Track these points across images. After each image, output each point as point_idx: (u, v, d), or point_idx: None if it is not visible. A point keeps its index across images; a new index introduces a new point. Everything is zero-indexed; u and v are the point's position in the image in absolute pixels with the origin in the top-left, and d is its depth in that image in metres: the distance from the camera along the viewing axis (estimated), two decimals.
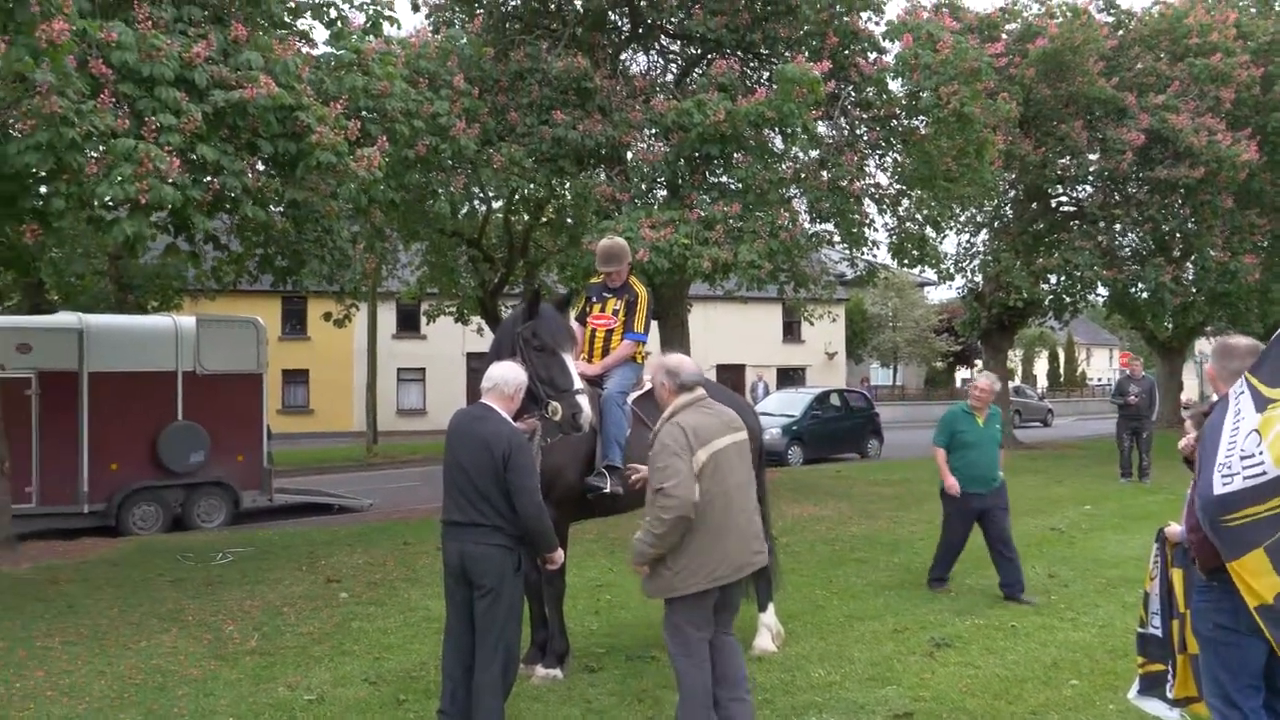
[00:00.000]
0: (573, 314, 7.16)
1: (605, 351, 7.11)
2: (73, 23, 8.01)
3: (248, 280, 13.32)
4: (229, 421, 14.39)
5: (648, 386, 7.35)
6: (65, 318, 14.33)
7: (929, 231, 18.20)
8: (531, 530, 5.06)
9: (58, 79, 7.92)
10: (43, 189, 8.87)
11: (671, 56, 16.96)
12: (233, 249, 11.87)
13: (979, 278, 24.83)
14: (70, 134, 7.97)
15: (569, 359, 6.07)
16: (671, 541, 4.77)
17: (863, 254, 19.34)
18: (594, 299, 7.33)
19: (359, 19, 11.80)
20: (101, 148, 8.39)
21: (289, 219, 10.85)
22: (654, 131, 14.30)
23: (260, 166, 9.98)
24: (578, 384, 6.02)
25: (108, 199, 8.46)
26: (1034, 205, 24.29)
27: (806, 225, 15.15)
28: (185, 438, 13.98)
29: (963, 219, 25.18)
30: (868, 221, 15.70)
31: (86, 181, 8.38)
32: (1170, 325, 28.68)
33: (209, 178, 9.36)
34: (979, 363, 46.62)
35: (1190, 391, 46.58)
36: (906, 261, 18.33)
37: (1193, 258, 22.74)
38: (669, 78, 16.53)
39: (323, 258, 11.28)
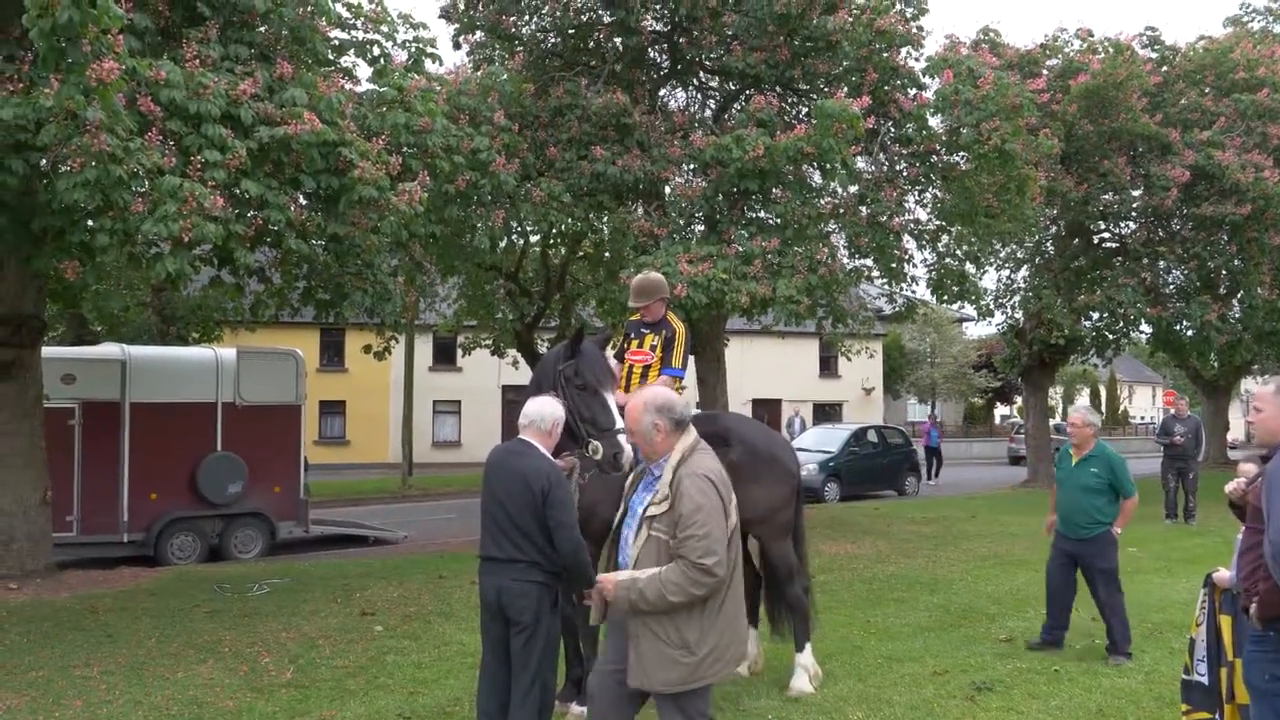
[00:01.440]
0: (611, 351, 7.19)
1: (642, 385, 7.12)
2: (122, 61, 8.18)
3: (289, 313, 13.48)
4: (267, 452, 14.54)
5: None
6: (109, 349, 14.58)
7: (969, 267, 18.14)
8: (570, 566, 5.06)
9: (107, 117, 8.12)
10: (89, 223, 9.06)
11: (710, 92, 17.10)
12: (275, 282, 12.04)
13: (1019, 314, 24.63)
14: (118, 171, 8.15)
15: (610, 398, 6.08)
16: (674, 610, 4.01)
17: (902, 289, 19.30)
18: (632, 335, 7.37)
19: (401, 56, 12.03)
20: (148, 184, 8.57)
21: (331, 252, 11.01)
22: (692, 167, 14.43)
23: (303, 201, 10.16)
24: (619, 423, 5.99)
25: (152, 235, 8.63)
26: (1076, 241, 24.12)
27: (845, 260, 15.17)
28: (224, 468, 14.14)
29: (1003, 255, 25.06)
30: (907, 257, 15.68)
31: (132, 218, 8.55)
32: (1216, 364, 28.24)
33: (252, 212, 9.54)
34: (1019, 399, 46.13)
35: (1236, 431, 45.75)
36: (946, 297, 18.25)
37: (1239, 295, 22.43)
38: (708, 113, 16.66)
39: (365, 290, 11.42)
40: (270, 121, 9.50)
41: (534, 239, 19.08)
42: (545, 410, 5.35)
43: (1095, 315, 22.56)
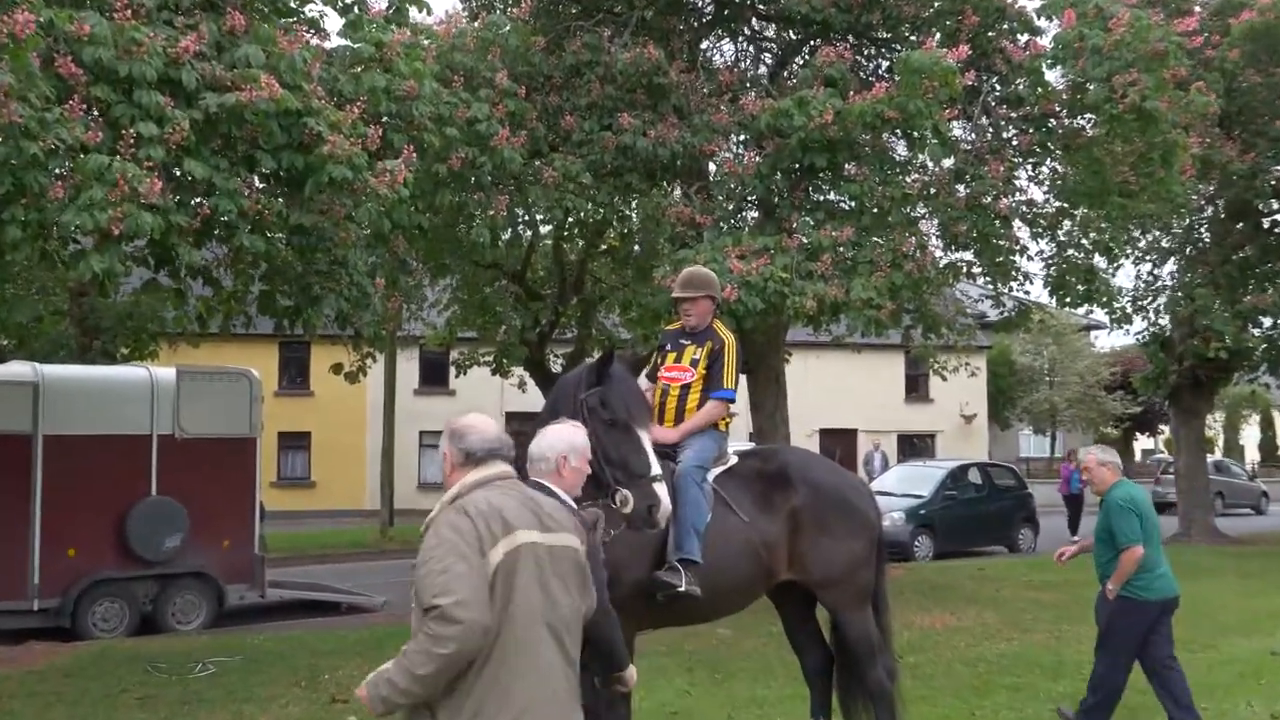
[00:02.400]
0: (644, 374, 7.28)
1: (679, 413, 7.19)
2: (38, 12, 8.25)
3: (242, 323, 13.64)
4: (213, 497, 14.72)
5: (732, 460, 7.44)
6: (17, 368, 14.81)
7: (1098, 261, 18.03)
8: (594, 642, 4.98)
9: (18, 81, 8.19)
10: None
11: (765, 44, 17.16)
12: (225, 285, 12.20)
13: (1165, 320, 24.44)
14: (32, 149, 8.24)
15: (645, 436, 6.13)
16: (437, 685, 3.83)
17: (1011, 289, 19.22)
18: (668, 347, 7.44)
19: (380, 3, 12.17)
20: (69, 165, 8.70)
21: (294, 248, 11.13)
22: (744, 138, 14.49)
23: (260, 185, 10.27)
24: (655, 469, 6.07)
25: (74, 228, 8.73)
26: (1240, 226, 23.88)
27: (938, 253, 15.15)
28: (159, 518, 14.30)
29: (1143, 244, 24.87)
30: (1018, 248, 15.63)
31: (49, 207, 8.65)
32: None
33: (197, 199, 9.68)
34: (1165, 429, 45.63)
35: None
36: (1069, 299, 18.15)
37: None
38: (762, 70, 16.73)
39: (337, 294, 11.54)
40: (219, 86, 9.61)
41: (545, 230, 19.25)
42: (548, 443, 5.20)
43: (1267, 321, 22.32)
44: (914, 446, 40.88)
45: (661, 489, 6.01)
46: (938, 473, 24.82)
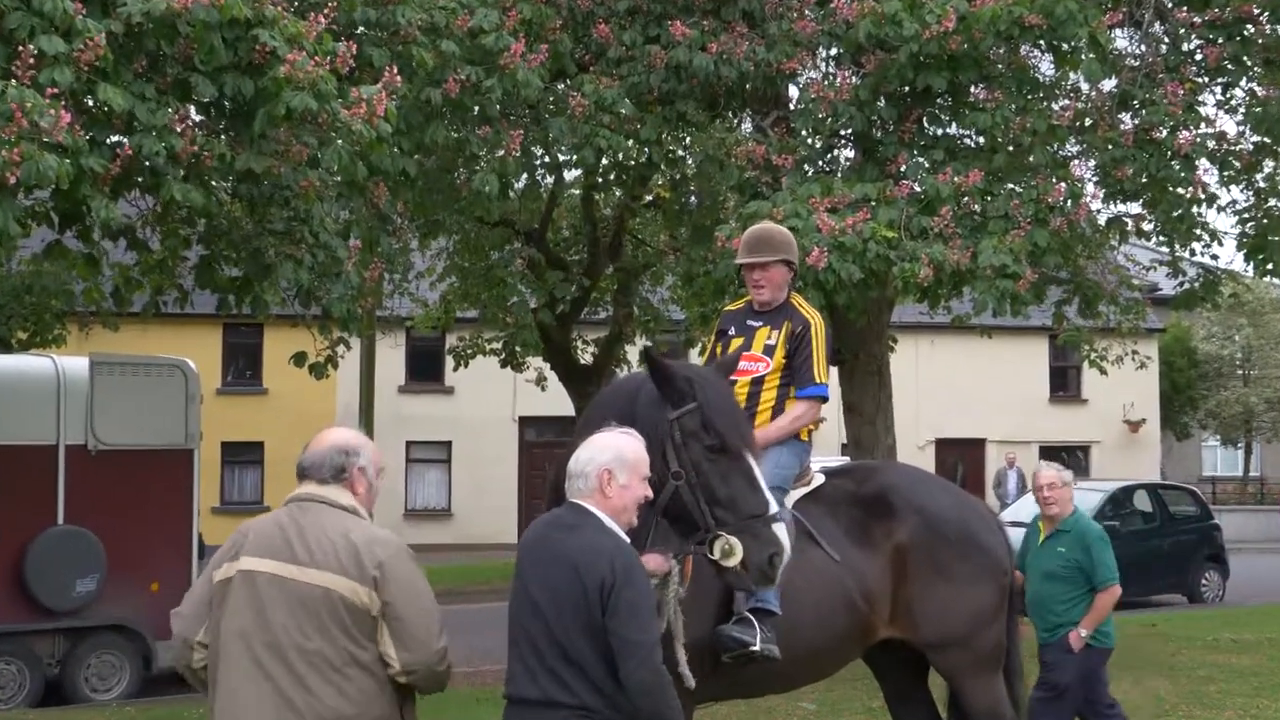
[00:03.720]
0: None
1: (750, 414, 7.11)
2: None
3: (174, 300, 13.72)
4: (139, 527, 14.81)
5: (818, 480, 7.46)
6: None
7: None
8: (645, 714, 5.12)
9: None
10: None
11: None
12: (152, 250, 12.29)
13: None
14: None
15: (756, 465, 6.12)
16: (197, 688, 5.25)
17: (1193, 253, 19.04)
18: (732, 332, 7.46)
19: None
20: None
21: (242, 201, 11.20)
22: (836, 53, 14.39)
23: (197, 118, 10.32)
24: (774, 506, 6.08)
25: None
26: None
27: (1096, 205, 15.05)
28: (68, 555, 14.37)
29: None
30: (1203, 197, 15.46)
31: None
32: None
33: (116, 138, 9.75)
34: None
35: None
36: (1270, 266, 17.97)
37: None
38: None
39: (298, 261, 11.59)
40: None
41: (572, 177, 19.23)
42: (588, 455, 5.36)
43: None
44: (1062, 461, 40.30)
45: (783, 532, 6.00)
46: (1093, 497, 24.55)
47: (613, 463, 5.28)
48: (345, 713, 4.86)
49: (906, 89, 13.88)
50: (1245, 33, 15.06)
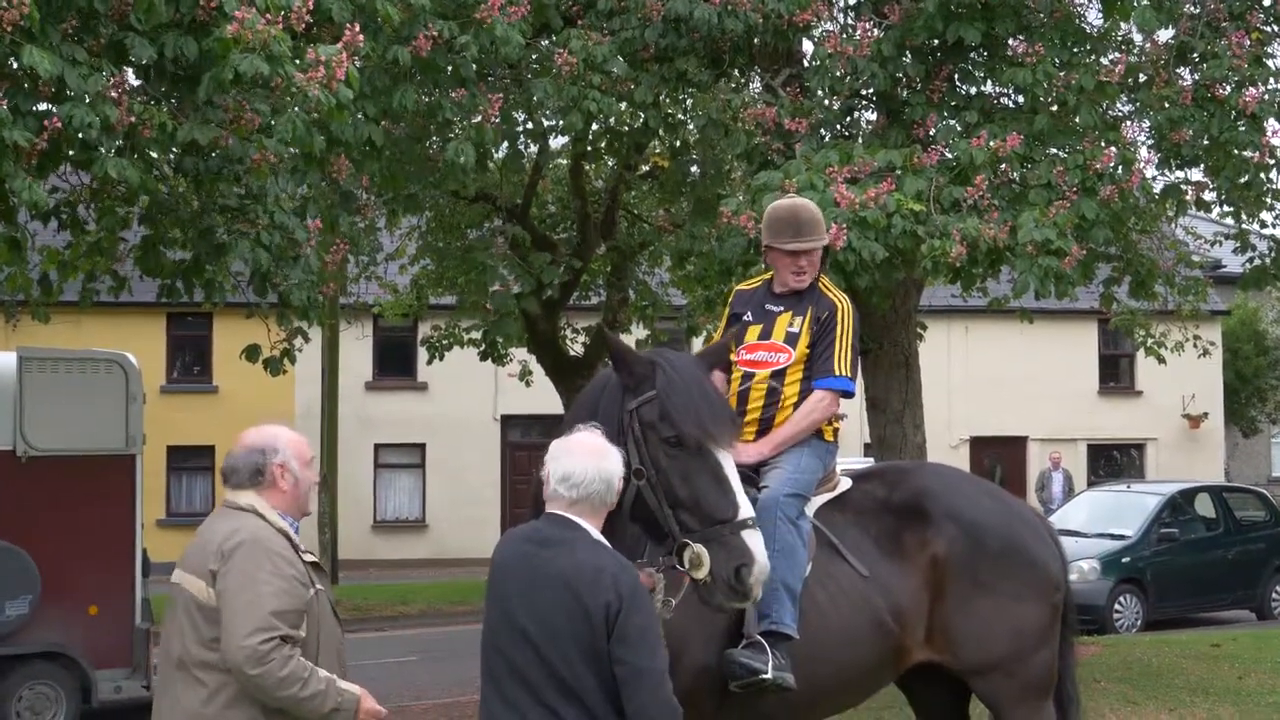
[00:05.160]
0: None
1: (767, 416, 7.21)
2: None
3: (111, 288, 13.74)
4: (75, 543, 14.80)
5: (844, 485, 7.49)
6: None
7: None
8: None
9: None
10: None
11: None
12: (87, 231, 12.30)
13: None
14: None
15: (728, 461, 6.15)
16: None
17: (1263, 225, 19.09)
18: (747, 317, 7.47)
19: None
20: None
21: (187, 176, 11.19)
22: (855, 1, 14.41)
23: (135, 83, 10.33)
24: (745, 509, 6.08)
25: None
26: None
27: (1150, 172, 15.06)
28: None
29: None
30: (1271, 162, 15.49)
31: None
32: None
33: (43, 106, 9.77)
34: None
35: None
36: None
37: None
38: None
39: (250, 242, 11.59)
40: None
41: (558, 145, 19.20)
42: (593, 467, 5.38)
43: None
44: (1113, 462, 40.62)
45: (755, 540, 5.99)
46: (1149, 501, 24.59)
47: (602, 474, 5.39)
48: (206, 717, 5.48)
49: (936, 42, 13.89)
50: None
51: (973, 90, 14.60)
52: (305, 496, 6.00)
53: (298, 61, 10.41)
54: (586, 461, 5.37)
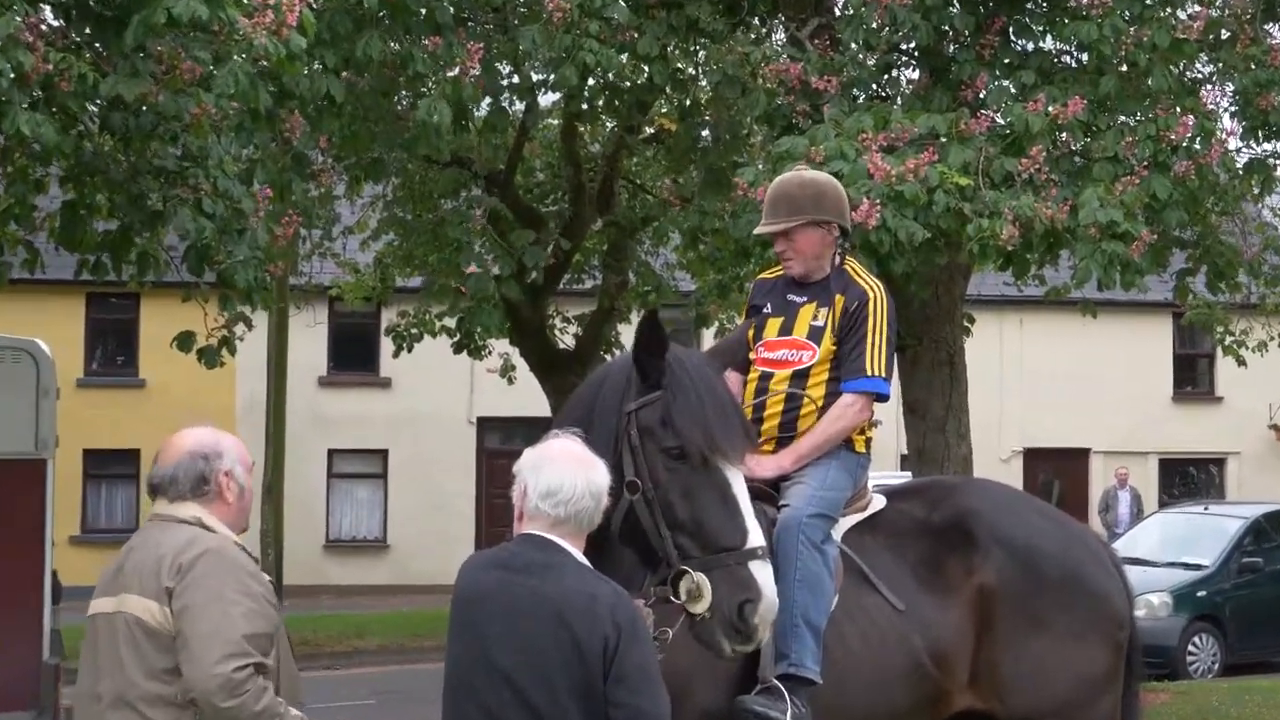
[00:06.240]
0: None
1: (789, 422, 7.13)
2: None
3: (22, 264, 13.60)
4: None
5: (877, 504, 7.44)
6: None
7: None
8: None
9: None
10: None
11: None
12: None
13: None
14: None
15: (738, 480, 6.03)
16: None
17: None
18: (767, 309, 7.39)
19: None
20: None
21: (114, 135, 11.04)
22: None
23: (53, 26, 10.15)
24: (755, 538, 5.98)
25: None
26: None
27: (1234, 144, 15.03)
28: None
29: None
30: None
31: None
32: None
33: None
34: None
35: None
36: None
37: None
38: None
39: (187, 211, 11.46)
40: None
41: (548, 102, 19.11)
42: (581, 480, 5.25)
43: None
44: (1189, 479, 40.65)
45: (764, 573, 5.91)
46: (1229, 525, 24.68)
47: (589, 490, 5.30)
48: None
49: None
50: None
51: (1030, 46, 14.64)
52: (248, 510, 5.92)
53: (243, 3, 10.30)
54: (574, 473, 5.28)
